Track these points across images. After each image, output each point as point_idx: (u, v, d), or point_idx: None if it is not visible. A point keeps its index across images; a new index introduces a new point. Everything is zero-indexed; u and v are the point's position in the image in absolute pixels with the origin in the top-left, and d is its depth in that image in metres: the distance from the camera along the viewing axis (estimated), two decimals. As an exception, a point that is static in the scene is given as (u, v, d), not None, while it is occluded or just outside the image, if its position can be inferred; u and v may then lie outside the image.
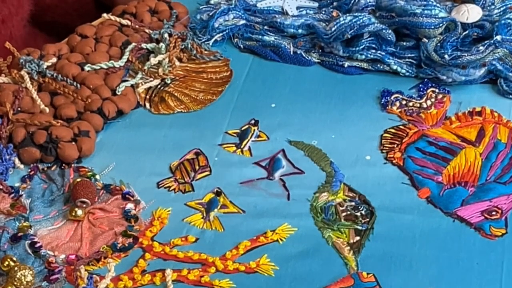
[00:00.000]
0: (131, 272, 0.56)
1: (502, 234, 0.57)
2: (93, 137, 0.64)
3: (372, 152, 0.64)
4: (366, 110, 0.67)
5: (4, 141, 0.63)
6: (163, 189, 0.62)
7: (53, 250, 0.57)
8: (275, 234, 0.58)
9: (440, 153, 0.63)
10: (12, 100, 0.65)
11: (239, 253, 0.56)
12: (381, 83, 0.69)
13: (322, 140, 0.65)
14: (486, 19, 0.70)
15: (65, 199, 0.60)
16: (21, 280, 0.53)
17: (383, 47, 0.70)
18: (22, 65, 0.68)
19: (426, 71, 0.69)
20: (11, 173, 0.62)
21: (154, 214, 0.60)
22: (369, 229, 0.58)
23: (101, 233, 0.58)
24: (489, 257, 0.55)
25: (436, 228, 0.57)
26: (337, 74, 0.71)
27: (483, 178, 0.61)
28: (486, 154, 0.63)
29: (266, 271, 0.55)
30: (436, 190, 0.60)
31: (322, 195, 0.61)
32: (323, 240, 0.57)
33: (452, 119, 0.66)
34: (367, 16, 0.70)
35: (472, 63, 0.67)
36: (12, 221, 0.58)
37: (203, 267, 0.56)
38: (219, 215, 0.59)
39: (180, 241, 0.58)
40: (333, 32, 0.70)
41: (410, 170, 0.62)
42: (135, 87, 0.69)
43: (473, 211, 0.59)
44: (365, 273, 0.55)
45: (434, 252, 0.56)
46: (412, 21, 0.69)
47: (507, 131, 0.65)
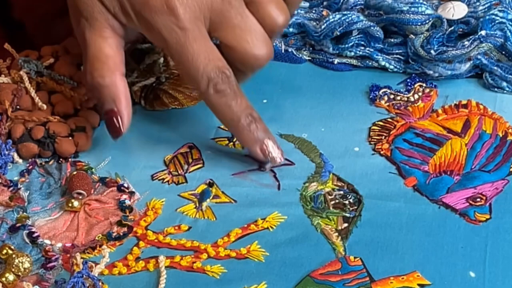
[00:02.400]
0: (126, 259, 0.57)
1: (486, 219, 0.59)
2: (90, 133, 0.66)
3: (361, 143, 0.65)
4: (355, 104, 0.69)
5: (3, 137, 0.65)
6: (157, 181, 0.63)
7: (50, 240, 0.58)
8: (266, 222, 0.59)
9: (426, 144, 0.65)
10: (11, 99, 0.67)
11: (230, 240, 0.58)
12: (370, 79, 0.71)
13: (312, 133, 0.67)
14: (471, 15, 0.72)
15: (62, 191, 0.62)
16: (19, 267, 0.55)
17: (372, 44, 0.72)
18: (21, 65, 0.70)
19: (414, 66, 0.71)
20: (10, 168, 0.64)
21: (148, 205, 0.61)
22: (357, 216, 0.59)
23: (96, 223, 0.60)
24: (473, 241, 0.57)
25: (422, 214, 0.59)
26: (327, 70, 0.73)
27: (468, 167, 0.63)
28: (471, 144, 0.65)
29: (256, 256, 0.57)
30: (422, 178, 0.62)
31: (312, 184, 0.62)
32: (312, 227, 0.59)
33: (439, 111, 0.68)
34: (355, 14, 0.72)
35: (458, 57, 0.69)
36: (10, 212, 0.60)
37: (195, 253, 0.57)
38: (211, 205, 0.61)
39: (173, 229, 0.59)
40: (323, 30, 0.72)
41: (397, 160, 0.64)
42: (131, 85, 0.71)
43: (458, 198, 0.60)
44: (352, 257, 0.56)
45: (420, 237, 0.57)
46: (399, 18, 0.71)
47: (492, 122, 0.66)
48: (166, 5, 0.60)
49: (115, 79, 0.62)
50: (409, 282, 0.54)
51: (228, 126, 0.63)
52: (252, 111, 0.62)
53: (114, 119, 0.62)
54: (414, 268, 0.55)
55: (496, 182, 0.61)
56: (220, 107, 0.62)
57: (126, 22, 0.62)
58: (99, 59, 0.62)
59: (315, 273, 0.55)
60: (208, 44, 0.61)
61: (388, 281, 0.55)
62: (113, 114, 0.62)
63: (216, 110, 0.62)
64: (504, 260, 0.55)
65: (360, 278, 0.55)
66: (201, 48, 0.60)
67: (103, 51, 0.62)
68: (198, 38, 0.60)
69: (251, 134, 0.62)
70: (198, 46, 0.60)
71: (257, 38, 0.62)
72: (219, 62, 0.61)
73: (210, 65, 0.61)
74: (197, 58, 0.60)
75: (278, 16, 0.63)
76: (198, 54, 0.60)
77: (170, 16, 0.60)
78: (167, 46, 0.61)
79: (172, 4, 0.60)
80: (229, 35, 0.62)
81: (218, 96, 0.61)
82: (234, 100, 0.61)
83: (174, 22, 0.60)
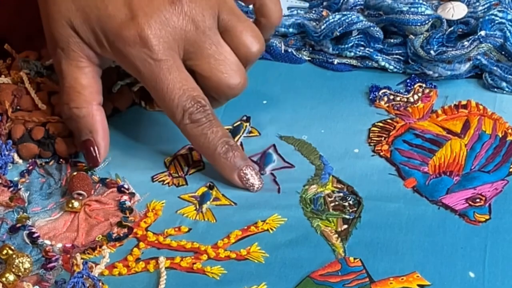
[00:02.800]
0: (126, 260, 0.57)
1: (486, 219, 0.59)
2: (90, 133, 0.67)
3: (360, 145, 0.66)
4: (355, 105, 0.69)
5: (3, 137, 0.65)
6: (158, 182, 0.64)
7: (51, 240, 0.59)
8: (266, 224, 0.59)
9: (426, 144, 0.65)
10: (11, 99, 0.67)
11: (231, 241, 0.58)
12: (370, 79, 0.71)
13: (312, 135, 0.67)
14: (471, 16, 0.72)
15: (62, 192, 0.62)
16: (19, 267, 0.55)
17: (371, 44, 0.72)
18: (21, 66, 0.70)
19: (413, 66, 0.71)
20: (10, 168, 0.65)
21: (148, 206, 0.61)
22: (357, 218, 0.59)
23: (97, 223, 0.60)
24: (473, 242, 0.57)
25: (422, 215, 0.59)
26: (327, 71, 0.73)
27: (468, 168, 0.63)
28: (471, 144, 0.65)
29: (256, 258, 0.57)
30: (422, 179, 0.62)
31: (311, 187, 0.62)
32: (312, 229, 0.59)
33: (439, 112, 0.68)
34: (355, 14, 0.72)
35: (457, 58, 0.69)
36: (11, 212, 0.60)
37: (196, 255, 0.57)
38: (212, 207, 0.61)
39: (173, 231, 0.59)
40: (323, 30, 0.72)
41: (397, 162, 0.64)
42: (130, 86, 0.71)
43: (457, 198, 0.60)
44: (352, 258, 0.56)
45: (419, 237, 0.57)
46: (399, 19, 0.71)
47: (492, 122, 0.66)
48: (139, 36, 0.60)
49: (92, 110, 0.62)
50: (409, 283, 0.55)
51: (205, 155, 0.63)
52: (228, 139, 0.62)
53: (91, 148, 0.63)
54: (414, 269, 0.55)
55: (496, 183, 0.61)
56: (196, 137, 0.62)
57: (101, 52, 0.62)
58: (75, 90, 0.62)
59: (315, 274, 0.55)
60: (183, 75, 0.61)
61: (387, 282, 0.55)
62: (90, 144, 0.63)
63: (192, 140, 0.63)
64: (503, 261, 0.56)
65: (360, 279, 0.55)
66: (175, 79, 0.61)
67: (79, 81, 0.62)
68: (172, 69, 0.61)
69: (228, 162, 0.62)
70: (172, 77, 0.61)
71: (231, 68, 0.63)
72: (194, 92, 0.62)
73: (185, 96, 0.61)
74: (172, 89, 0.61)
75: (252, 44, 0.63)
76: (172, 85, 0.61)
77: (143, 48, 0.60)
78: (142, 77, 0.61)
79: (145, 35, 0.60)
80: (204, 65, 0.62)
81: (193, 126, 0.62)
82: (210, 129, 0.62)
83: (148, 54, 0.60)
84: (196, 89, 0.62)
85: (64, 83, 0.63)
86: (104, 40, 0.61)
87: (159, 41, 0.60)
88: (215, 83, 0.63)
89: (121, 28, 0.60)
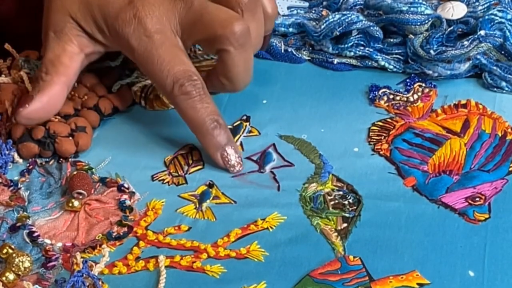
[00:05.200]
0: (126, 259, 0.57)
1: (485, 218, 0.59)
2: (90, 133, 0.66)
3: (360, 144, 0.66)
4: (355, 104, 0.69)
5: (3, 137, 0.65)
6: (157, 181, 0.64)
7: (51, 239, 0.59)
8: (265, 222, 0.59)
9: (426, 144, 0.65)
10: (11, 99, 0.67)
11: (230, 240, 0.58)
12: (370, 79, 0.71)
13: (311, 134, 0.67)
14: (470, 15, 0.72)
15: (63, 191, 0.62)
16: (19, 266, 0.55)
17: (371, 44, 0.72)
18: (22, 65, 0.70)
19: (413, 66, 0.71)
20: (10, 168, 0.65)
21: (148, 205, 0.61)
22: (356, 216, 0.59)
23: (97, 222, 0.60)
24: (472, 241, 0.57)
25: (421, 214, 0.59)
26: (327, 70, 0.73)
27: (468, 167, 0.63)
28: (470, 144, 0.65)
29: (256, 256, 0.57)
30: (421, 178, 0.62)
31: (311, 185, 0.62)
32: (311, 227, 0.59)
33: (438, 111, 0.68)
34: (355, 14, 0.72)
35: (457, 57, 0.69)
36: (11, 212, 0.60)
37: (195, 253, 0.57)
38: (211, 206, 0.61)
39: (173, 230, 0.59)
40: (323, 30, 0.72)
41: (397, 160, 0.64)
42: (131, 85, 0.71)
43: (457, 197, 0.60)
44: (352, 257, 0.56)
45: (419, 236, 0.57)
46: (398, 18, 0.71)
47: (491, 122, 0.66)
48: (134, 16, 0.63)
49: (56, 80, 0.64)
50: (409, 282, 0.55)
51: (192, 129, 0.64)
52: (218, 117, 0.63)
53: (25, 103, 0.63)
54: (414, 268, 0.55)
55: (495, 182, 0.62)
56: (185, 109, 0.63)
57: (101, 39, 0.65)
58: (52, 62, 0.64)
59: (314, 272, 0.55)
60: (175, 50, 0.63)
61: (387, 281, 0.55)
62: (28, 99, 0.63)
63: (181, 113, 0.64)
64: (503, 259, 0.56)
65: (359, 278, 0.55)
66: (167, 52, 0.63)
67: (60, 58, 0.65)
68: (164, 45, 0.63)
69: (214, 139, 0.63)
70: (164, 51, 0.63)
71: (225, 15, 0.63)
72: (187, 66, 0.63)
73: (176, 68, 0.63)
74: (162, 61, 0.63)
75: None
76: (163, 58, 0.63)
77: (138, 26, 0.63)
78: (136, 54, 0.64)
79: (140, 15, 0.63)
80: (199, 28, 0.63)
81: (183, 98, 0.63)
82: (200, 103, 0.63)
83: (142, 31, 0.63)
84: (188, 64, 0.63)
85: (44, 57, 0.65)
86: (104, 26, 0.64)
87: (152, 19, 0.63)
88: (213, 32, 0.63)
89: (119, 11, 0.64)
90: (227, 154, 0.63)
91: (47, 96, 0.63)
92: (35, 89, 0.64)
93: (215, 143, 0.63)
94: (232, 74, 0.65)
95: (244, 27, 0.63)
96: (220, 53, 0.64)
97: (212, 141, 0.63)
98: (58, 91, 0.64)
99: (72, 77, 0.65)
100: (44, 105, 0.64)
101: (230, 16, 0.63)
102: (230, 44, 0.63)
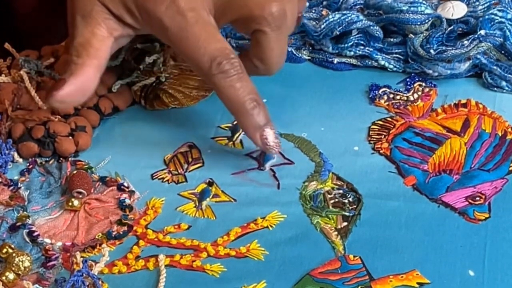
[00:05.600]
0: (125, 258, 0.57)
1: (485, 218, 0.59)
2: (90, 132, 0.66)
3: (360, 143, 0.66)
4: (355, 103, 0.69)
5: (3, 136, 0.65)
6: (157, 180, 0.64)
7: (50, 238, 0.59)
8: (265, 221, 0.59)
9: (426, 143, 0.65)
10: (11, 98, 0.67)
11: (230, 239, 0.58)
12: (370, 78, 0.71)
13: (311, 133, 0.67)
14: (470, 15, 0.72)
15: (62, 191, 0.62)
16: (19, 265, 0.55)
17: (371, 43, 0.72)
18: (22, 65, 0.70)
19: (413, 65, 0.71)
20: (10, 167, 0.65)
21: (148, 204, 0.61)
22: (356, 215, 0.59)
23: (96, 222, 0.60)
24: (472, 240, 0.57)
25: (422, 213, 0.59)
26: (327, 70, 0.73)
27: (468, 166, 0.63)
28: (470, 143, 0.65)
29: (256, 255, 0.57)
30: (422, 177, 0.62)
31: (311, 184, 0.62)
32: (311, 226, 0.59)
33: (438, 111, 0.68)
34: (355, 13, 0.72)
35: (457, 57, 0.69)
36: (11, 211, 0.60)
37: (195, 252, 0.57)
38: (211, 204, 0.61)
39: (173, 228, 0.59)
40: (322, 29, 0.72)
41: (397, 159, 0.64)
42: (131, 85, 0.71)
43: (457, 197, 0.60)
44: (352, 256, 0.56)
45: (419, 235, 0.57)
46: (399, 18, 0.71)
47: (491, 121, 0.66)
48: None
49: (88, 62, 0.62)
50: (409, 281, 0.55)
51: (231, 109, 0.62)
52: (257, 96, 0.61)
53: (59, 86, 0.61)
54: (414, 267, 0.55)
55: (495, 181, 0.61)
56: (224, 88, 0.61)
57: (131, 21, 0.63)
58: (83, 45, 0.62)
59: (314, 271, 0.55)
60: (210, 28, 0.61)
61: (387, 280, 0.55)
62: (60, 83, 0.61)
63: (219, 92, 0.62)
64: (503, 259, 0.56)
65: (359, 277, 0.55)
66: (202, 30, 0.61)
67: (90, 41, 0.62)
68: (199, 22, 0.61)
69: (253, 119, 0.61)
70: (199, 29, 0.61)
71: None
72: (223, 44, 0.61)
73: (212, 46, 0.61)
74: (197, 39, 0.61)
75: None
76: (199, 36, 0.61)
77: (171, 4, 0.61)
78: (169, 34, 0.61)
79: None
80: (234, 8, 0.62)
81: (221, 76, 0.61)
82: (239, 82, 0.61)
83: (175, 9, 0.61)
84: (224, 42, 0.61)
85: (74, 42, 0.63)
86: (133, 7, 0.62)
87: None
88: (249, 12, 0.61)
89: None
90: (266, 135, 0.61)
91: (81, 79, 0.62)
92: (67, 72, 0.62)
93: (254, 123, 0.61)
94: (267, 56, 0.63)
95: (282, 7, 0.61)
96: (256, 34, 0.62)
97: (252, 121, 0.61)
98: (91, 74, 0.62)
99: (103, 60, 0.63)
100: (78, 88, 0.62)
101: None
102: (267, 24, 0.62)
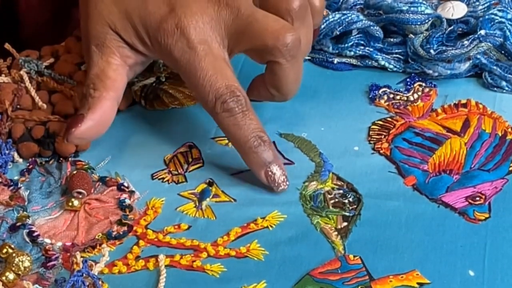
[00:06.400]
0: (125, 258, 0.57)
1: (485, 218, 0.59)
2: (90, 132, 0.67)
3: (360, 143, 0.66)
4: (355, 104, 0.69)
5: (3, 136, 0.65)
6: (157, 180, 0.64)
7: (50, 238, 0.59)
8: (265, 221, 0.59)
9: (426, 143, 0.65)
10: (11, 98, 0.67)
11: (230, 239, 0.58)
12: (370, 78, 0.71)
13: (311, 133, 0.67)
14: (470, 15, 0.72)
15: (62, 191, 0.62)
16: (19, 265, 0.55)
17: (371, 43, 0.72)
18: (22, 65, 0.70)
19: (413, 66, 0.71)
20: (10, 167, 0.65)
21: (148, 204, 0.61)
22: (357, 215, 0.59)
23: (96, 222, 0.60)
24: (472, 240, 0.57)
25: (422, 213, 0.59)
26: (327, 70, 0.73)
27: (468, 166, 0.63)
28: (470, 143, 0.65)
29: (256, 255, 0.57)
30: (422, 178, 0.62)
31: (311, 184, 0.62)
32: (311, 226, 0.59)
33: (438, 111, 0.68)
34: (355, 13, 0.72)
35: (457, 57, 0.69)
36: (11, 211, 0.60)
37: (195, 252, 0.57)
38: (211, 204, 0.61)
39: (173, 228, 0.59)
40: (322, 29, 0.72)
41: (397, 160, 0.64)
42: (131, 85, 0.71)
43: (457, 197, 0.60)
44: (352, 256, 0.56)
45: (419, 236, 0.57)
46: (399, 18, 0.71)
47: (491, 121, 0.66)
48: (176, 27, 0.61)
49: (105, 95, 0.62)
50: (409, 281, 0.55)
51: (235, 146, 0.62)
52: (262, 133, 0.61)
53: (77, 123, 0.61)
54: (414, 267, 0.55)
55: (496, 181, 0.62)
56: (228, 127, 0.61)
57: (143, 49, 0.63)
58: (99, 77, 0.63)
59: (314, 271, 0.55)
60: (219, 63, 0.61)
61: (387, 280, 0.55)
62: (79, 119, 0.62)
63: (224, 129, 0.62)
64: (503, 259, 0.56)
65: (359, 277, 0.55)
66: (210, 65, 0.61)
67: (105, 72, 0.63)
68: (207, 57, 0.61)
69: (258, 157, 0.61)
70: (207, 64, 0.61)
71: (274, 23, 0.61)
72: (230, 81, 0.61)
73: (218, 83, 0.61)
74: (204, 75, 0.61)
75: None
76: (206, 71, 0.61)
77: (181, 37, 0.61)
78: (179, 66, 0.62)
79: (182, 26, 0.61)
80: (248, 38, 0.61)
81: (225, 115, 0.61)
82: (243, 120, 0.61)
83: (185, 43, 0.61)
84: (231, 79, 0.61)
85: (90, 72, 0.63)
86: (145, 36, 0.62)
87: (196, 30, 0.61)
88: (263, 42, 0.61)
89: (161, 22, 0.61)
90: (272, 172, 0.61)
91: (99, 113, 0.62)
92: (84, 107, 0.62)
93: (259, 161, 0.61)
94: (283, 84, 0.63)
95: (296, 37, 0.61)
96: (271, 64, 0.62)
97: (256, 159, 0.61)
98: (109, 106, 0.62)
99: (120, 91, 0.63)
100: (97, 123, 0.62)
101: (281, 26, 0.61)
102: (282, 56, 0.61)
